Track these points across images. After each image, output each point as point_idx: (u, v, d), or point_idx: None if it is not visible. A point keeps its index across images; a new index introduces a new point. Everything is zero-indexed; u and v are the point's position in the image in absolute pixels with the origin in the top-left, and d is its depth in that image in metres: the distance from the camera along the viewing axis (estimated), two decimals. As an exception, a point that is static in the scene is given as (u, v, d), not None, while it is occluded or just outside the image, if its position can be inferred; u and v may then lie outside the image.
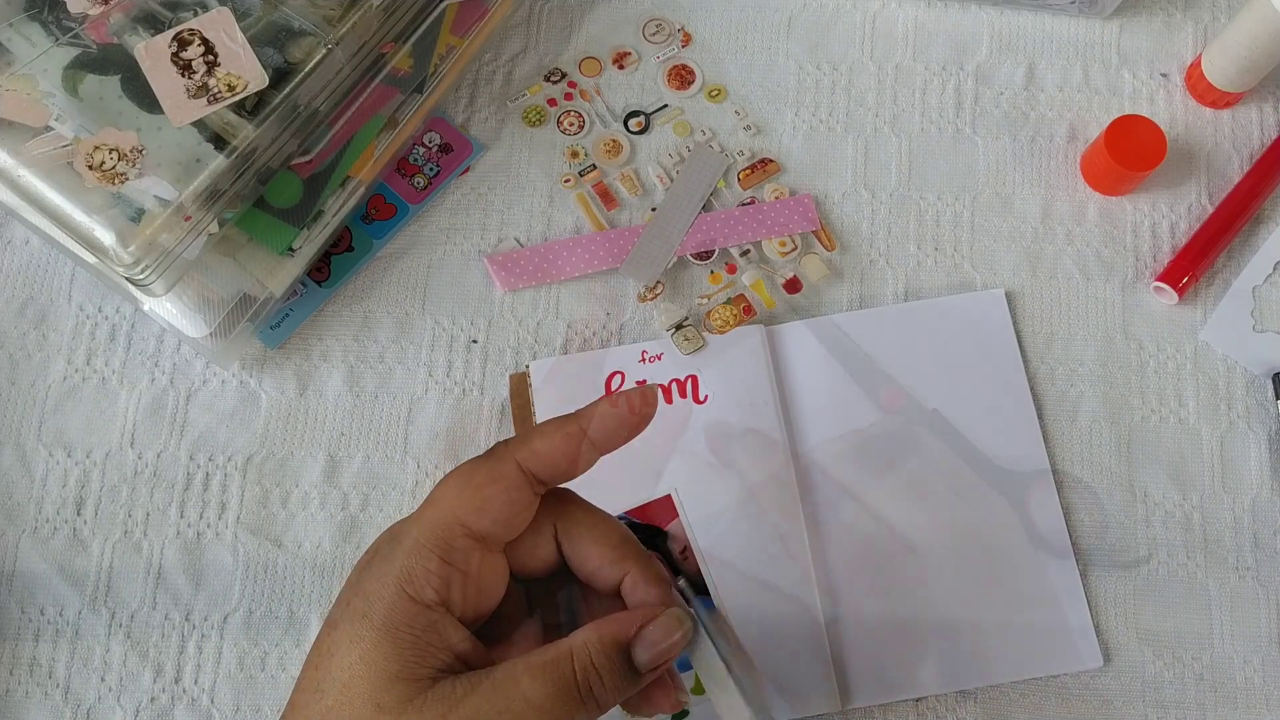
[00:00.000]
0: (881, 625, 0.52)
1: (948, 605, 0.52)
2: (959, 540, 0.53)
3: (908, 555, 0.53)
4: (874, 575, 0.53)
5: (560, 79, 0.62)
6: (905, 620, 0.52)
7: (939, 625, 0.52)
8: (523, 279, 0.58)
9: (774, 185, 0.60)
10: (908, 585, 0.53)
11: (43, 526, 0.55)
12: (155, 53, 0.50)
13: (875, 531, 0.53)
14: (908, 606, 0.52)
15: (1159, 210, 0.60)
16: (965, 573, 0.53)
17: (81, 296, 0.58)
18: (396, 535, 0.37)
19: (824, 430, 0.55)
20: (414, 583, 0.36)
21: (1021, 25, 0.64)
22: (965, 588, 0.53)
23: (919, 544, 0.53)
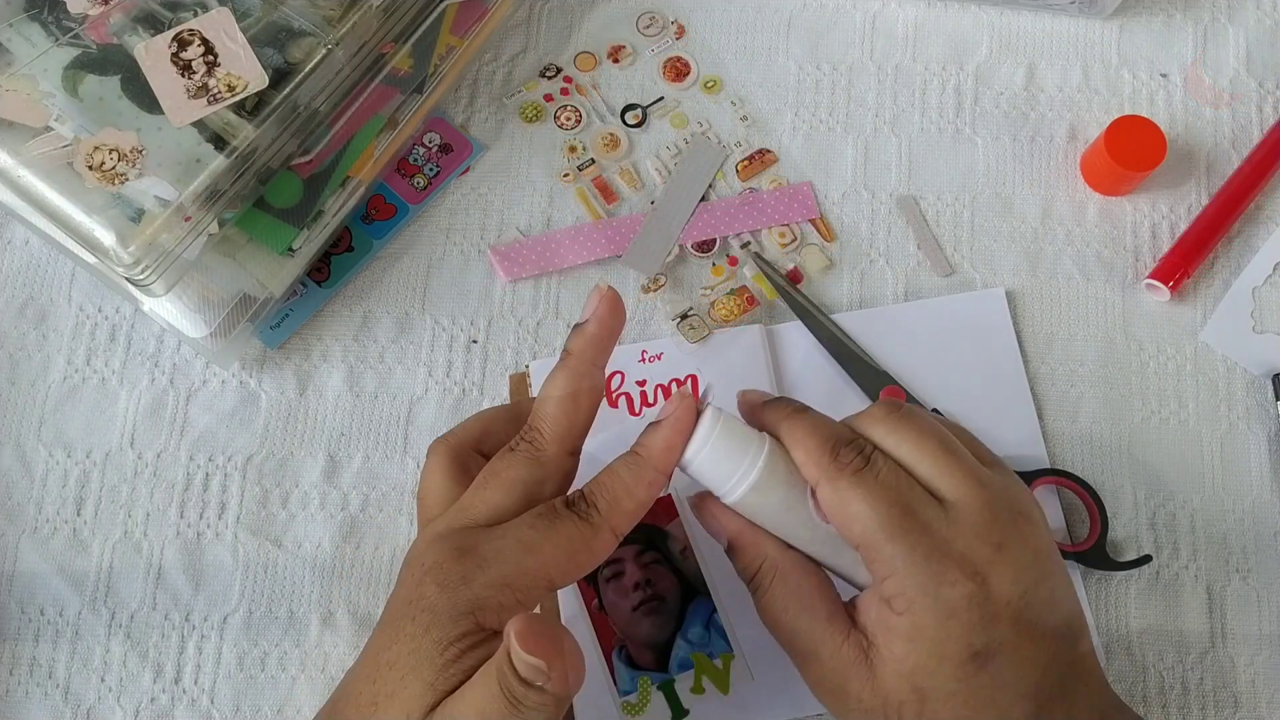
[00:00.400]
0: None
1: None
2: (959, 540, 0.53)
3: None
4: (874, 575, 0.53)
5: (556, 74, 0.62)
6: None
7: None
8: (525, 268, 0.58)
9: (772, 177, 0.60)
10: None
11: (43, 526, 0.55)
12: (155, 53, 0.50)
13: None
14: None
15: (1159, 210, 0.60)
16: (965, 573, 0.53)
17: (81, 296, 0.58)
18: (466, 553, 0.38)
19: (824, 430, 0.55)
20: (487, 614, 0.37)
21: (1021, 25, 0.64)
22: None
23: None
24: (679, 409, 0.41)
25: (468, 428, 0.45)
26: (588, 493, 0.40)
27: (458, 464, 0.44)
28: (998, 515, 0.39)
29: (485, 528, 0.39)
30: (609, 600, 0.52)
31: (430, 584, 0.37)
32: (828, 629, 0.40)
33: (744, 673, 0.51)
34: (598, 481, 0.41)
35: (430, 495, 0.43)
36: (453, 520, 0.40)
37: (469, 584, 0.37)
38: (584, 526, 0.39)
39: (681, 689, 0.51)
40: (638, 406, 0.55)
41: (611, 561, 0.53)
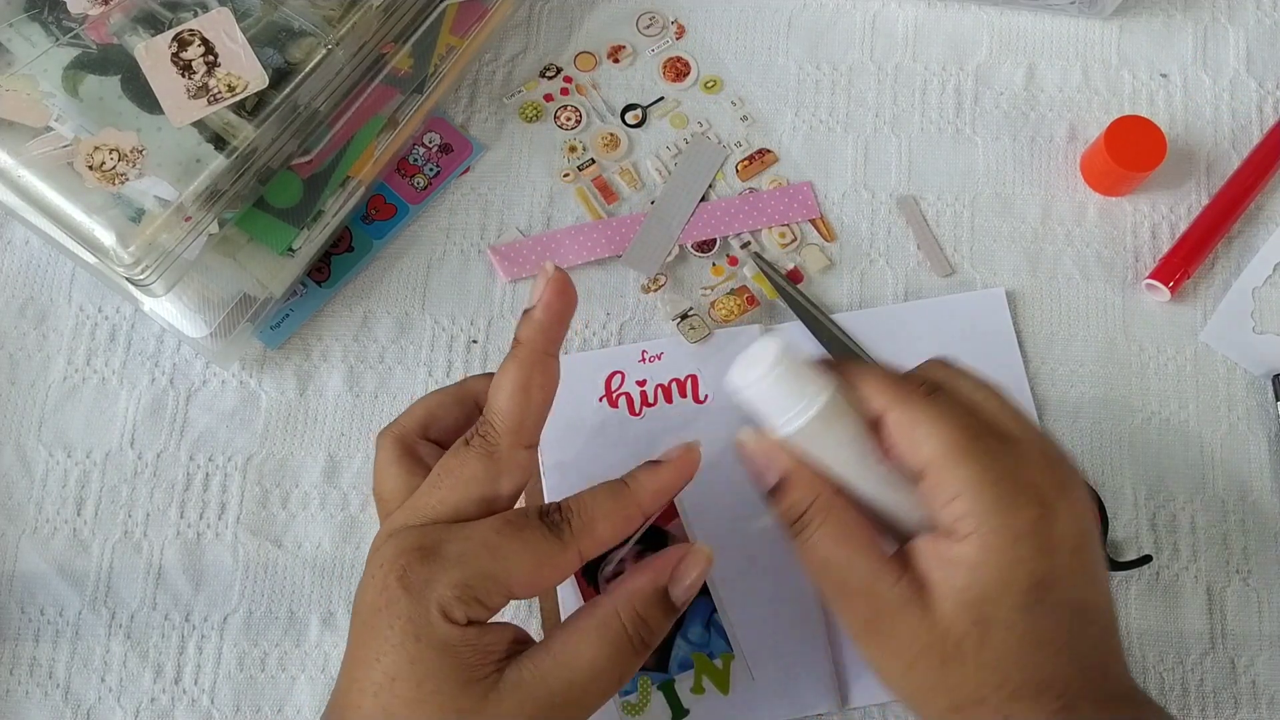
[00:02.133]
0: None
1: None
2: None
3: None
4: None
5: (556, 74, 0.62)
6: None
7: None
8: (525, 268, 0.58)
9: (772, 176, 0.60)
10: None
11: (43, 526, 0.55)
12: (155, 53, 0.50)
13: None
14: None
15: (1159, 210, 0.60)
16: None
17: (81, 296, 0.58)
18: (430, 553, 0.38)
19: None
20: (454, 611, 0.37)
21: (1021, 25, 0.64)
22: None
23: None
24: (683, 457, 0.41)
25: (413, 414, 0.45)
26: (564, 507, 0.40)
27: (408, 454, 0.43)
28: (1060, 460, 0.39)
29: (447, 524, 0.39)
30: (609, 600, 0.52)
31: (397, 587, 0.37)
32: (883, 566, 0.38)
33: (744, 672, 0.51)
34: (578, 499, 0.40)
35: (385, 488, 0.43)
36: (410, 516, 0.40)
37: (433, 586, 0.37)
38: (553, 540, 0.39)
39: (681, 689, 0.51)
40: (638, 406, 0.55)
41: (612, 561, 0.53)
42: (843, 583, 0.39)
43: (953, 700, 0.37)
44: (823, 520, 0.39)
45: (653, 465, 0.41)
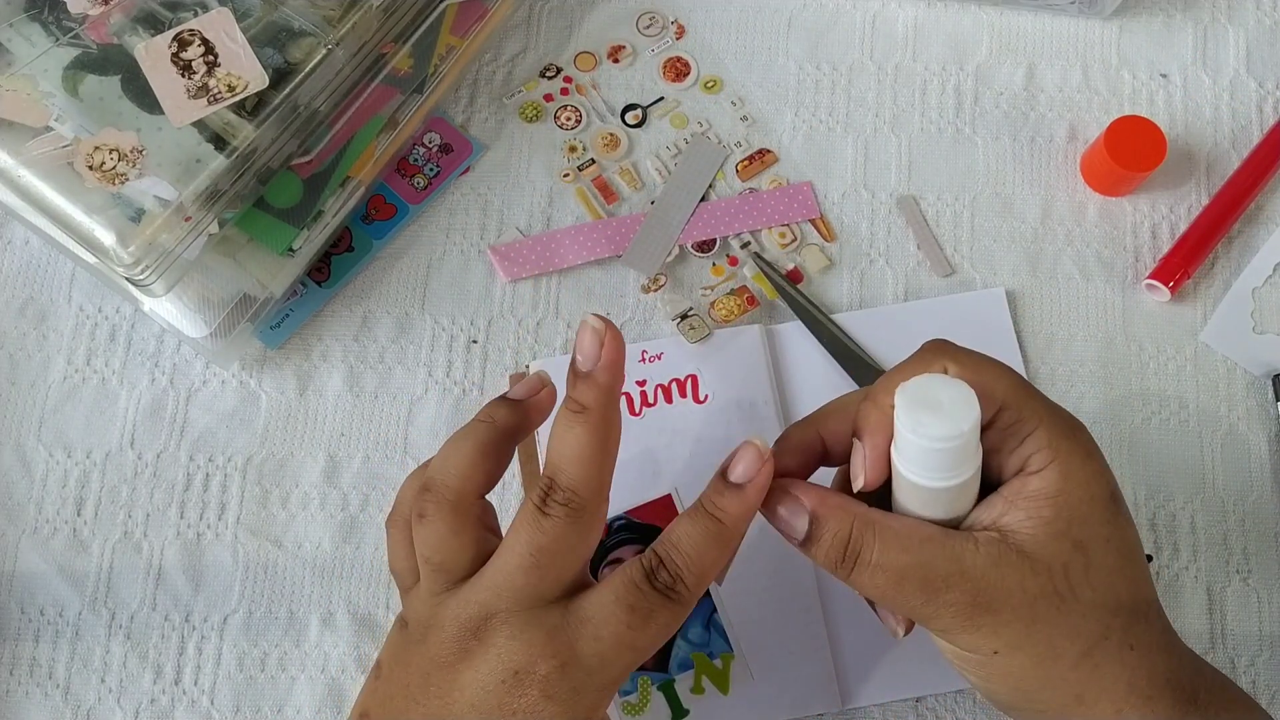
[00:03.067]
0: (882, 624, 0.52)
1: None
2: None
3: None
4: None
5: (556, 74, 0.62)
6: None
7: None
8: (525, 268, 0.58)
9: (772, 176, 0.60)
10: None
11: (43, 526, 0.55)
12: (155, 53, 0.50)
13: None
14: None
15: (1159, 211, 0.60)
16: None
17: (81, 296, 0.58)
18: (569, 662, 0.37)
19: (824, 430, 0.55)
20: (599, 713, 0.38)
21: (1021, 25, 0.64)
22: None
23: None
24: (762, 474, 0.38)
25: (465, 474, 0.40)
26: (672, 567, 0.37)
27: (471, 519, 0.39)
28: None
29: (564, 608, 0.37)
30: (609, 600, 0.52)
31: (537, 696, 0.36)
32: (957, 542, 0.36)
33: (744, 672, 0.51)
34: (680, 552, 0.38)
35: (451, 560, 0.39)
36: (509, 600, 0.37)
37: (581, 696, 0.36)
38: (677, 609, 0.37)
39: (681, 689, 0.51)
40: (638, 407, 0.55)
41: (611, 561, 0.53)
42: (927, 580, 0.36)
43: (1082, 646, 0.36)
44: (874, 535, 0.37)
45: (737, 491, 0.38)
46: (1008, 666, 0.37)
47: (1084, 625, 0.36)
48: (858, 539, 0.37)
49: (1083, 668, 0.36)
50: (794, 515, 0.38)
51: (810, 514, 0.38)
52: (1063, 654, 0.36)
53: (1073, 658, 0.36)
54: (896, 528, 0.37)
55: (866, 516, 0.37)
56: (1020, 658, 0.37)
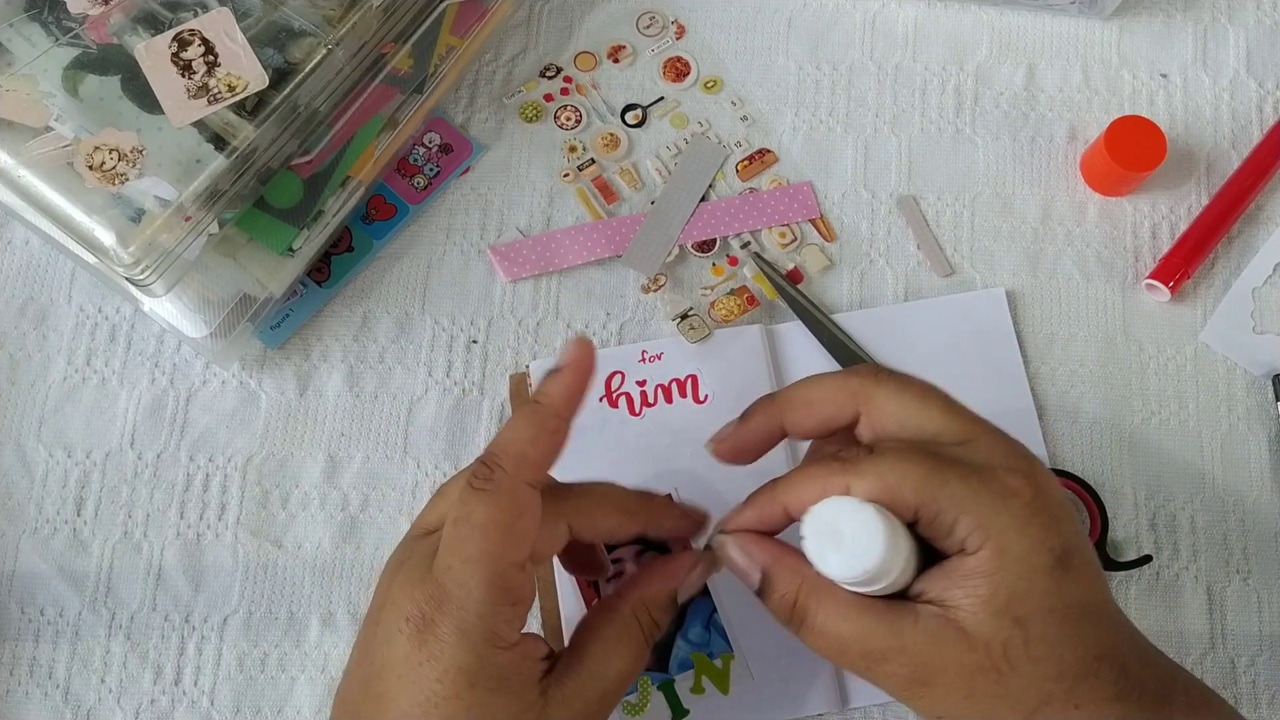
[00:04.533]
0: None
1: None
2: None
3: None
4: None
5: (556, 74, 0.62)
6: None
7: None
8: (525, 268, 0.58)
9: (772, 176, 0.60)
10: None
11: (43, 527, 0.55)
12: (155, 53, 0.50)
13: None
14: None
15: (1159, 210, 0.60)
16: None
17: (81, 296, 0.58)
18: (444, 599, 0.38)
19: (824, 430, 0.55)
20: (502, 636, 0.38)
21: (1021, 25, 0.64)
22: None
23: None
24: (578, 353, 0.40)
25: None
26: (488, 456, 0.39)
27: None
28: (1013, 442, 0.39)
29: (427, 548, 0.39)
30: (609, 600, 0.52)
31: (432, 639, 0.38)
32: (898, 615, 0.37)
33: (744, 673, 0.51)
34: (497, 441, 0.39)
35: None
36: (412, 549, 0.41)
37: (467, 630, 0.37)
38: (496, 496, 0.38)
39: (681, 689, 0.51)
40: (638, 407, 0.55)
41: (611, 561, 0.53)
42: (867, 652, 0.38)
43: (1023, 711, 0.36)
44: (819, 602, 0.38)
45: (554, 373, 0.40)
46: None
47: (1024, 695, 0.36)
48: (804, 603, 0.38)
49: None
50: (750, 568, 0.40)
51: (762, 571, 0.39)
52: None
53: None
54: (841, 596, 0.38)
55: (815, 581, 0.38)
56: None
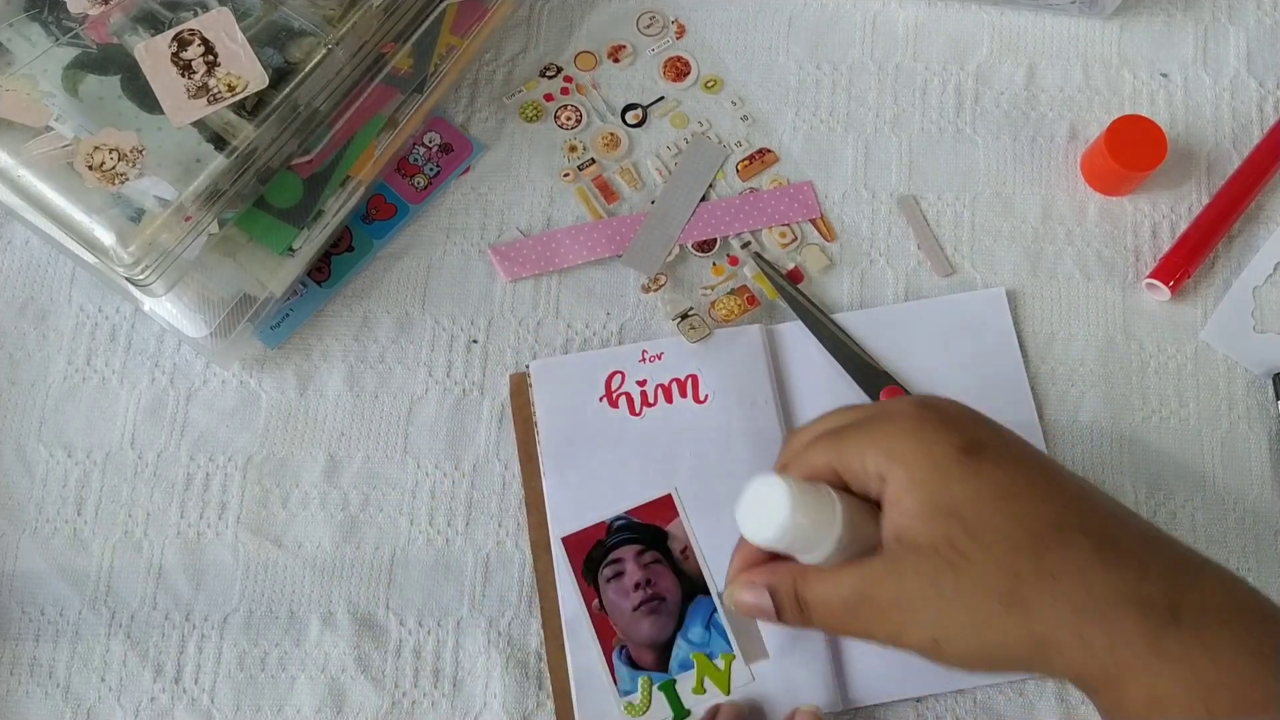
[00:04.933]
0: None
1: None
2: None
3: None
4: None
5: (556, 74, 0.62)
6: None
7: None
8: (525, 268, 0.58)
9: (772, 176, 0.60)
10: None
11: (43, 526, 0.55)
12: (155, 53, 0.50)
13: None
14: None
15: (1159, 210, 0.60)
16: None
17: (81, 296, 0.58)
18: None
19: (824, 430, 0.55)
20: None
21: (1021, 25, 0.64)
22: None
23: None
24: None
25: None
26: None
27: None
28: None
29: None
30: (609, 600, 0.52)
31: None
32: (866, 563, 0.40)
33: (744, 673, 0.51)
34: None
35: None
36: None
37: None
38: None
39: (682, 689, 0.51)
40: (638, 406, 0.55)
41: (612, 561, 0.53)
42: (850, 606, 0.40)
43: (997, 595, 0.37)
44: (807, 581, 0.41)
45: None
46: (955, 646, 0.38)
47: (992, 578, 0.37)
48: (800, 591, 0.41)
49: (1015, 614, 0.37)
50: (759, 597, 0.42)
51: (767, 588, 0.42)
52: (989, 612, 0.37)
53: (999, 610, 0.37)
54: (826, 571, 0.40)
55: (798, 569, 0.41)
56: (956, 634, 0.38)
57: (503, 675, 0.52)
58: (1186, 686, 0.36)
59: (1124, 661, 0.37)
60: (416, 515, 0.55)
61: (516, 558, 0.54)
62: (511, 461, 0.55)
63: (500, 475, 0.55)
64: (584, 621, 0.52)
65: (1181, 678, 0.36)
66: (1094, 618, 0.37)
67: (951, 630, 0.38)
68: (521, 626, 0.53)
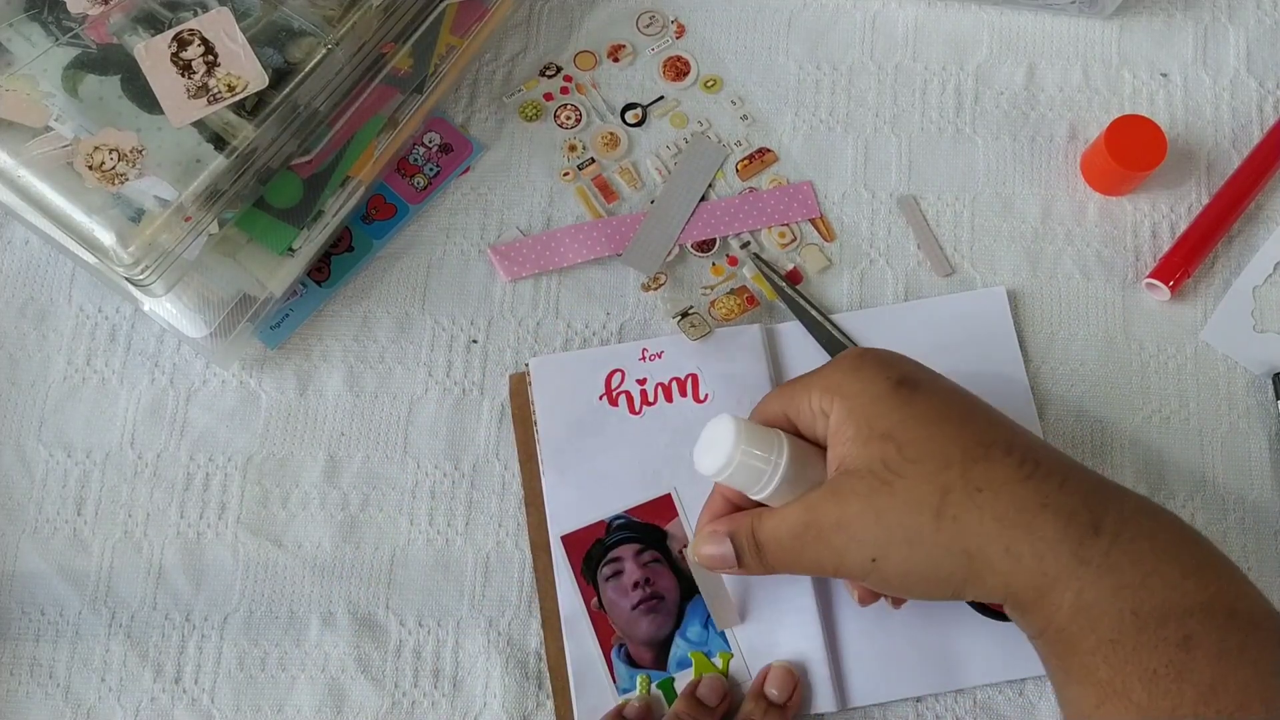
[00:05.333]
0: (881, 625, 0.52)
1: (947, 603, 0.52)
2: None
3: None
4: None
5: (556, 73, 0.62)
6: (904, 620, 0.52)
7: (938, 624, 0.52)
8: (525, 267, 0.58)
9: (772, 176, 0.60)
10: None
11: (43, 526, 0.55)
12: (155, 53, 0.50)
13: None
14: (906, 605, 0.51)
15: (1159, 210, 0.60)
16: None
17: (81, 296, 0.58)
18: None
19: (824, 430, 0.55)
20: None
21: (1021, 25, 0.64)
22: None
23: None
24: (796, 694, 0.50)
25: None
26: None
27: None
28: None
29: None
30: (608, 599, 0.52)
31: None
32: (810, 493, 0.43)
33: (743, 672, 0.51)
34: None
35: None
36: None
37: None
38: None
39: (680, 687, 0.51)
40: (638, 405, 0.55)
41: (611, 560, 0.53)
42: (800, 536, 0.43)
43: (930, 510, 0.40)
44: (761, 523, 0.44)
45: (778, 709, 0.50)
46: (892, 564, 0.41)
47: (922, 493, 0.40)
48: (755, 530, 0.44)
49: (945, 528, 0.40)
50: (720, 546, 0.45)
51: (728, 536, 0.45)
52: (921, 528, 0.40)
53: (930, 523, 0.40)
54: (778, 509, 0.44)
55: (756, 513, 0.45)
56: (893, 551, 0.41)
57: (503, 675, 0.52)
58: (1112, 589, 0.38)
59: (1049, 570, 0.39)
60: (416, 515, 0.55)
61: (516, 557, 0.54)
62: (511, 461, 0.55)
63: (500, 475, 0.55)
64: (583, 620, 0.52)
65: (1106, 583, 0.38)
66: (1018, 527, 0.39)
67: (889, 548, 0.41)
68: (521, 626, 0.53)
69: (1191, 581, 0.38)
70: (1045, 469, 0.40)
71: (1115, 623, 0.38)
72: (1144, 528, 0.39)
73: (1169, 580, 0.38)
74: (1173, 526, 0.40)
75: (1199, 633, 0.37)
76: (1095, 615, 0.38)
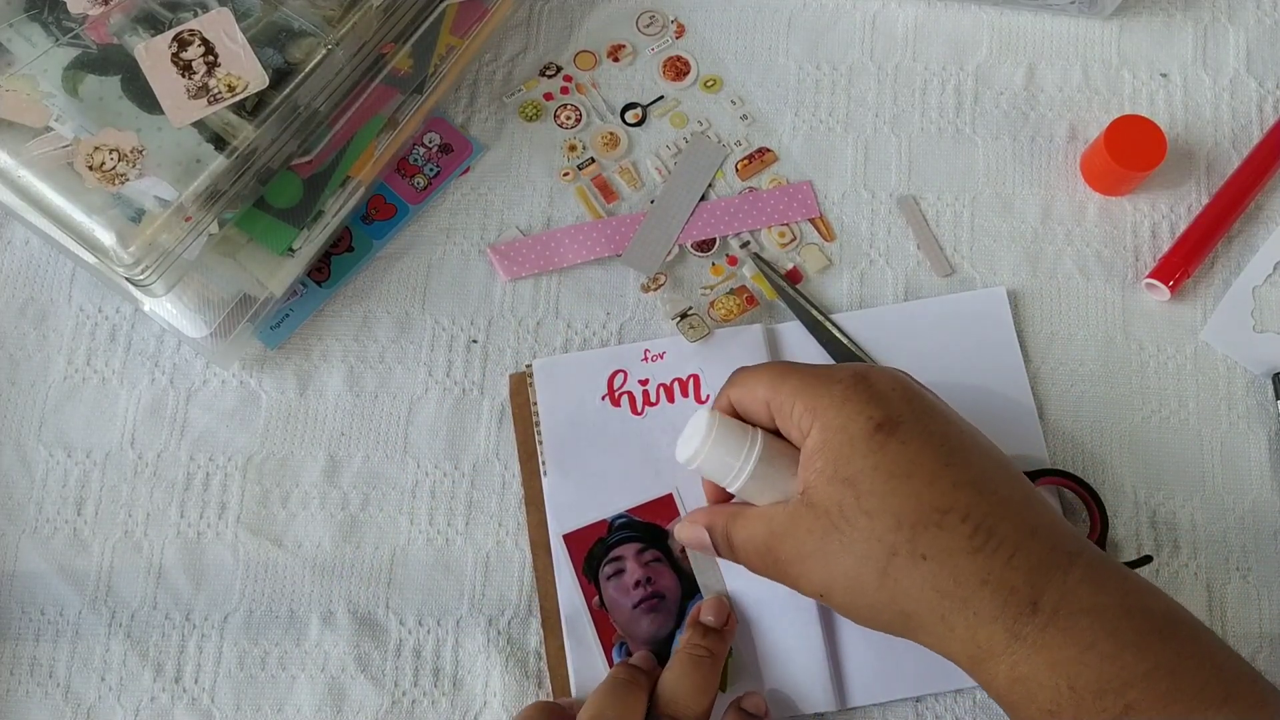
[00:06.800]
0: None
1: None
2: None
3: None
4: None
5: (556, 73, 0.62)
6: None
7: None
8: (525, 267, 0.58)
9: (772, 176, 0.60)
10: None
11: (43, 526, 0.55)
12: (155, 53, 0.50)
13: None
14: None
15: (1159, 210, 0.60)
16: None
17: (81, 296, 0.58)
18: None
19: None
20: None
21: (1021, 25, 0.64)
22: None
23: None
24: (731, 619, 0.51)
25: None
26: (672, 710, 0.48)
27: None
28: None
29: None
30: (609, 598, 0.52)
31: None
32: (776, 508, 0.44)
33: (742, 672, 0.51)
34: (679, 700, 0.48)
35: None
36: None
37: None
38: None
39: (682, 688, 0.51)
40: (640, 406, 0.55)
41: (612, 559, 0.53)
42: (761, 548, 0.44)
43: (876, 567, 0.40)
44: (734, 521, 0.45)
45: (715, 632, 0.50)
46: (837, 603, 0.42)
47: (870, 549, 0.40)
48: (728, 528, 0.45)
49: (886, 587, 0.40)
50: (697, 532, 0.47)
51: (705, 527, 0.46)
52: (864, 581, 0.41)
53: (873, 580, 0.41)
54: (748, 512, 0.45)
55: (732, 510, 0.46)
56: (838, 593, 0.42)
57: (502, 674, 0.52)
58: (1047, 665, 0.39)
59: (983, 644, 0.39)
60: (416, 515, 0.55)
61: (516, 557, 0.54)
62: (511, 461, 0.55)
63: (500, 475, 0.55)
64: (584, 618, 0.52)
65: (1040, 658, 0.39)
66: (955, 599, 0.39)
67: (834, 590, 0.42)
68: (521, 625, 0.53)
69: (1130, 654, 0.38)
70: (997, 540, 0.40)
71: (1052, 695, 0.38)
72: (1085, 602, 0.39)
73: (1106, 654, 0.38)
74: (1120, 594, 0.40)
75: (1139, 702, 0.38)
76: (1032, 688, 0.39)
